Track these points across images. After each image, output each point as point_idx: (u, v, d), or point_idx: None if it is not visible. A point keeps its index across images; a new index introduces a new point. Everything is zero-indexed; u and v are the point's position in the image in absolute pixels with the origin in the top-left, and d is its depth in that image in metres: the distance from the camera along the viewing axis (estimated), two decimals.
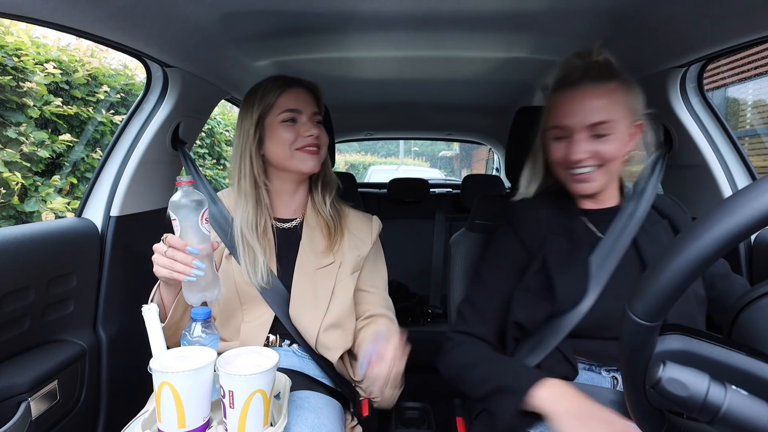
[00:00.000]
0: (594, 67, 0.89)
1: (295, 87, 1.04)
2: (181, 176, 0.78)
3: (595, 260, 0.89)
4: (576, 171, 0.89)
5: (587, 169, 0.89)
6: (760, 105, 5.96)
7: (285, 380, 0.88)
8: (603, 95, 0.86)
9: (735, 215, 0.35)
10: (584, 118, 0.86)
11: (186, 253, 0.78)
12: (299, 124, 1.02)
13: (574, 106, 0.87)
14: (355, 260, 1.05)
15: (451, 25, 1.15)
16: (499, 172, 3.50)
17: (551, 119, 0.92)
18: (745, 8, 0.85)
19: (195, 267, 0.77)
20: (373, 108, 2.34)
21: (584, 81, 0.88)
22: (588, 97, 0.87)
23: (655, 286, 0.39)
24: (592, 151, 0.87)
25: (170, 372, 0.67)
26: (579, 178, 0.90)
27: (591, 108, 0.86)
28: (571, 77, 0.89)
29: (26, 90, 2.40)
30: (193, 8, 1.00)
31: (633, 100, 0.90)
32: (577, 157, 0.87)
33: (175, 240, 0.78)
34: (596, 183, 0.91)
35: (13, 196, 2.38)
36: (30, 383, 0.97)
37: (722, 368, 0.40)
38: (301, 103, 1.03)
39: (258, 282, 0.97)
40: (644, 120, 0.92)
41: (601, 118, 0.86)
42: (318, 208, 1.08)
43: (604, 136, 0.87)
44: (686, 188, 1.32)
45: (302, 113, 1.03)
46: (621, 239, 0.90)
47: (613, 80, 0.88)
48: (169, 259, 0.78)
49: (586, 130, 0.87)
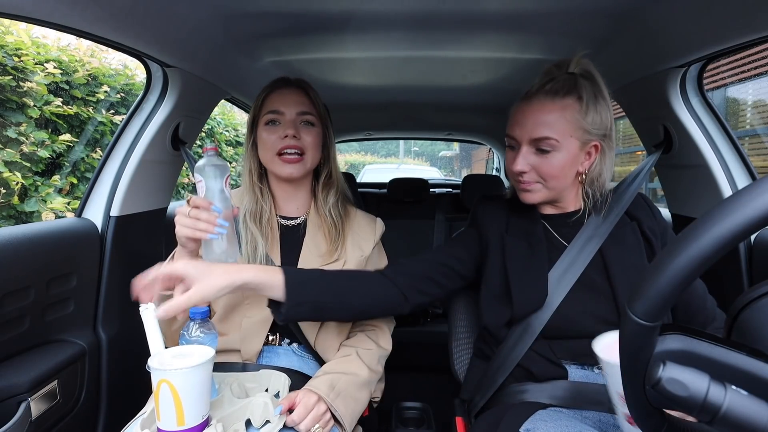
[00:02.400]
0: (558, 81, 0.87)
1: (281, 87, 1.03)
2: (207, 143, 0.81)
3: (558, 269, 0.91)
4: (520, 181, 0.91)
5: (529, 179, 0.90)
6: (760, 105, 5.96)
7: (284, 380, 0.89)
8: (552, 111, 0.86)
9: (735, 215, 0.35)
10: (529, 132, 0.87)
11: (210, 213, 0.80)
12: (280, 125, 1.01)
13: (522, 118, 0.88)
14: (357, 260, 1.05)
15: (451, 25, 1.15)
16: (499, 172, 3.50)
17: (507, 128, 0.93)
18: (745, 8, 0.85)
19: (218, 224, 0.80)
20: (373, 108, 2.34)
21: (539, 95, 0.87)
22: (536, 111, 0.87)
23: (655, 286, 0.39)
24: (533, 164, 0.88)
25: (168, 370, 0.66)
26: (522, 188, 0.92)
27: (536, 122, 0.86)
28: (532, 88, 0.90)
29: (26, 90, 2.40)
30: (193, 8, 1.00)
31: (588, 119, 0.86)
32: (517, 168, 0.89)
33: (200, 200, 0.81)
34: (538, 194, 0.92)
35: (13, 196, 2.38)
36: (30, 383, 0.97)
37: (722, 368, 0.40)
38: (284, 104, 1.00)
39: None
40: (602, 141, 0.89)
41: (545, 134, 0.85)
42: (321, 208, 1.08)
43: (546, 152, 0.87)
44: (686, 188, 1.32)
45: (284, 114, 1.00)
46: (585, 250, 0.92)
47: (568, 97, 0.86)
48: (192, 219, 0.80)
49: (530, 144, 0.88)
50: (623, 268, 0.90)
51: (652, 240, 0.94)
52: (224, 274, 0.75)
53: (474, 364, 1.04)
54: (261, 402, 0.79)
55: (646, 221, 0.96)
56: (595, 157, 0.90)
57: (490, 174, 3.62)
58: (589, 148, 0.89)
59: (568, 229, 0.96)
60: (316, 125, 1.04)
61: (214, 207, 0.81)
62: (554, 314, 0.89)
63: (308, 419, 0.81)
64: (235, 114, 4.97)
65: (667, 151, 1.30)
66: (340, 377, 0.92)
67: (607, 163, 0.92)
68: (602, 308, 0.89)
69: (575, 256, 0.92)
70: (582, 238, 0.93)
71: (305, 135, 1.01)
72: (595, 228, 0.93)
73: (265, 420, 0.78)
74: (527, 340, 0.90)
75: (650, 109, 1.31)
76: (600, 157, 0.91)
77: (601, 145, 0.89)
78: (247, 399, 0.81)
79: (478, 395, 0.96)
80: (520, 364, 0.91)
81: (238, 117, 4.98)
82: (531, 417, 0.78)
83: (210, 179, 0.82)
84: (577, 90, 0.87)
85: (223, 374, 0.89)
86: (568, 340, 0.90)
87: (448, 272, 0.98)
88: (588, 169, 0.91)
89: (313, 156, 1.03)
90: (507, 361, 0.91)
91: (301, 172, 1.01)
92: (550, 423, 0.76)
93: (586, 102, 0.86)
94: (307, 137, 1.01)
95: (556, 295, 0.89)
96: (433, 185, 3.09)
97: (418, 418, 1.61)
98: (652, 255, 0.93)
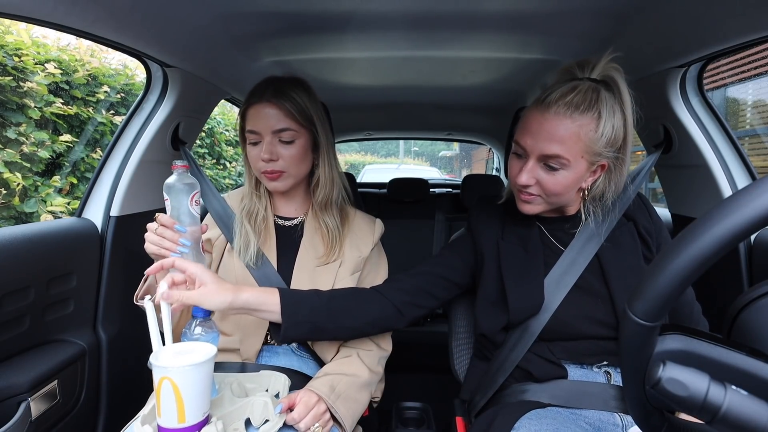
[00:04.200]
0: (579, 93, 0.81)
1: (256, 104, 0.97)
2: (177, 161, 0.83)
3: (556, 272, 0.91)
4: (522, 192, 0.89)
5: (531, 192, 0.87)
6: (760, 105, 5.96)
7: (284, 380, 0.89)
8: (568, 129, 0.80)
9: (735, 215, 0.35)
10: (540, 147, 0.82)
11: (174, 231, 0.82)
12: (259, 144, 0.99)
13: (536, 129, 0.82)
14: (355, 260, 1.05)
15: (451, 25, 1.15)
16: (499, 172, 3.50)
17: (516, 133, 0.88)
18: (745, 8, 0.85)
19: (180, 244, 0.82)
20: (373, 108, 2.34)
21: (558, 106, 0.80)
22: (553, 125, 0.80)
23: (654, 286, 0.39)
24: (538, 179, 0.85)
25: (170, 367, 0.67)
26: (523, 199, 0.89)
27: (551, 138, 0.81)
28: (551, 96, 0.82)
29: (26, 90, 2.40)
30: (193, 8, 1.00)
31: (603, 141, 0.82)
32: (521, 181, 0.85)
33: (165, 218, 0.83)
34: (538, 207, 0.89)
35: (14, 196, 2.38)
36: (30, 383, 0.97)
37: (722, 368, 0.40)
38: (260, 124, 0.97)
39: (246, 261, 1.00)
40: (612, 160, 0.86)
41: (557, 152, 0.81)
42: (317, 211, 1.07)
43: (554, 169, 0.83)
44: (686, 188, 1.32)
45: (260, 134, 0.97)
46: (583, 254, 0.91)
47: (587, 113, 0.80)
48: (158, 236, 0.83)
49: (539, 158, 0.84)
50: (620, 271, 0.89)
51: (648, 240, 0.94)
52: (228, 292, 0.80)
53: (474, 365, 1.04)
54: (261, 401, 0.80)
55: (642, 222, 0.95)
56: (599, 175, 0.88)
57: (490, 174, 3.63)
58: (595, 167, 0.86)
59: (564, 233, 0.95)
60: (298, 137, 0.99)
61: (178, 226, 0.82)
62: (552, 318, 0.88)
63: (308, 417, 0.82)
64: (235, 114, 4.98)
65: (666, 151, 1.30)
66: (341, 378, 0.92)
67: (614, 178, 0.89)
68: (600, 311, 0.88)
69: (572, 259, 0.91)
70: (579, 242, 0.92)
71: (284, 151, 0.98)
72: (593, 231, 0.92)
73: (265, 419, 0.79)
74: (525, 342, 0.90)
75: (650, 109, 1.30)
76: (605, 175, 0.88)
77: (608, 164, 0.87)
78: (247, 398, 0.81)
79: (479, 395, 0.96)
80: (520, 366, 0.91)
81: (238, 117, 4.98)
82: (521, 418, 0.79)
83: (176, 197, 0.82)
84: (597, 105, 0.81)
85: (222, 374, 0.90)
86: (567, 341, 0.90)
87: (443, 283, 0.98)
88: (590, 186, 0.89)
89: (296, 169, 1.01)
90: (506, 363, 0.92)
91: (285, 186, 1.01)
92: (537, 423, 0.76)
93: (605, 120, 0.81)
94: (286, 153, 0.98)
95: (554, 300, 0.89)
96: (433, 185, 3.09)
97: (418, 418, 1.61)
98: (649, 255, 0.93)
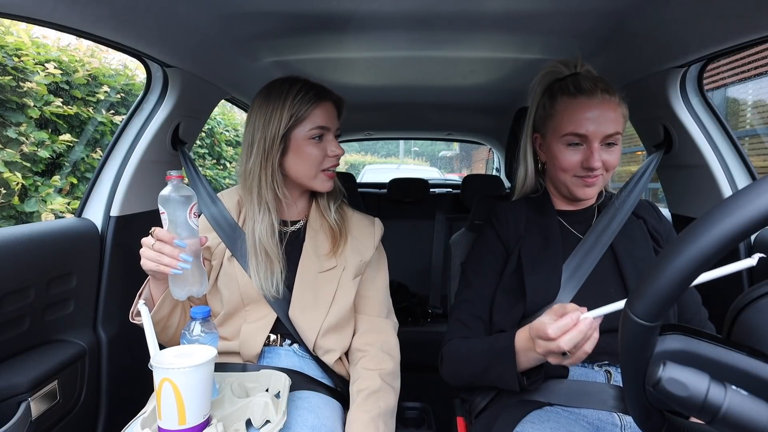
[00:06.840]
0: (600, 81, 0.92)
1: (326, 101, 1.00)
2: (171, 171, 0.78)
3: (573, 262, 0.93)
4: (589, 176, 0.93)
5: (598, 174, 0.93)
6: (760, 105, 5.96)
7: (285, 380, 0.89)
8: (615, 108, 0.91)
9: (735, 215, 0.35)
10: (603, 128, 0.90)
11: (173, 247, 0.78)
12: (325, 141, 0.99)
13: (593, 115, 0.90)
14: (357, 265, 1.04)
15: (451, 25, 1.15)
16: (499, 172, 3.50)
17: (565, 126, 0.92)
18: (745, 8, 0.85)
19: (181, 260, 0.78)
20: (373, 108, 2.34)
21: (597, 92, 0.91)
22: (606, 108, 0.90)
23: (655, 286, 0.39)
24: (603, 159, 0.92)
25: (171, 369, 0.67)
26: (589, 183, 0.94)
27: (608, 119, 0.90)
28: (583, 86, 0.91)
29: (26, 90, 2.40)
30: (193, 8, 1.00)
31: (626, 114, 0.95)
32: (596, 164, 0.91)
33: (162, 233, 0.78)
34: (597, 188, 0.95)
35: (14, 196, 2.38)
36: (30, 383, 0.97)
37: (722, 368, 0.40)
38: (330, 120, 0.99)
39: (270, 293, 0.96)
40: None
41: (616, 129, 0.91)
42: (323, 212, 1.07)
43: (612, 146, 0.92)
44: (686, 188, 1.32)
45: (330, 130, 1.00)
46: (599, 243, 0.95)
47: (616, 95, 0.92)
48: (156, 252, 0.78)
49: (602, 139, 0.91)
50: (633, 261, 0.93)
51: (658, 239, 0.98)
52: None
53: None
54: (261, 402, 0.79)
55: (651, 221, 1.00)
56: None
57: (490, 174, 3.63)
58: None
59: (581, 225, 1.00)
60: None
61: (177, 241, 0.77)
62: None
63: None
64: (235, 114, 4.97)
65: (667, 152, 1.30)
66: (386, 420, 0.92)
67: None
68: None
69: (590, 247, 0.94)
70: (596, 232, 0.96)
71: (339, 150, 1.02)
72: (607, 223, 0.97)
73: (266, 420, 0.79)
74: None
75: (650, 109, 1.31)
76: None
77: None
78: (248, 399, 0.81)
79: (479, 395, 0.96)
80: None
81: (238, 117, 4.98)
82: (522, 420, 0.79)
83: (173, 210, 0.77)
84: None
85: (223, 374, 0.89)
86: None
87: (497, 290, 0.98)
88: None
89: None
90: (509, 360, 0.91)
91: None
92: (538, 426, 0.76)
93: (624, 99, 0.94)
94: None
95: (569, 288, 0.91)
96: (433, 185, 3.09)
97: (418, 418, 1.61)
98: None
